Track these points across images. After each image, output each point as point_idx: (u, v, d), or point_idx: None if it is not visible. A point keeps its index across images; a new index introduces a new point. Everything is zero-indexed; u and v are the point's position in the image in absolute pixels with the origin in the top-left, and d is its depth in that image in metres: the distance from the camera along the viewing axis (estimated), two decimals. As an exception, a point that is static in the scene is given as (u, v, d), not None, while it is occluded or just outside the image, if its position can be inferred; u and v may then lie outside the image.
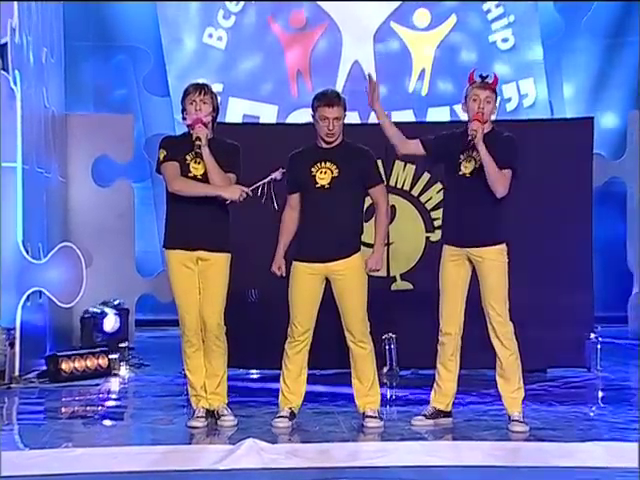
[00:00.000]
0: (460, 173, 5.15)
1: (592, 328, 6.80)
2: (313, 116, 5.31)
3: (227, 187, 5.20)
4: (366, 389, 5.27)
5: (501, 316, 5.19)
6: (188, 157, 5.20)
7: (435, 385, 5.34)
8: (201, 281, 5.26)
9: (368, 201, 5.45)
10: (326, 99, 5.25)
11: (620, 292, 8.71)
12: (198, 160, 5.16)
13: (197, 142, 5.15)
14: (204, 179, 5.18)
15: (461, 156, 5.16)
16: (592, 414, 5.67)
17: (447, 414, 5.30)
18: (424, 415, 5.26)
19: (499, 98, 5.52)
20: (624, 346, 8.17)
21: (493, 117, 5.22)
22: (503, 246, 5.17)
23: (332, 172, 5.19)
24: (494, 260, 5.14)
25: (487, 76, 5.18)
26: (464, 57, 9.91)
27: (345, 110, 5.31)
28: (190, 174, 5.17)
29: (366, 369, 5.30)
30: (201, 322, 5.31)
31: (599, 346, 6.78)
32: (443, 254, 5.29)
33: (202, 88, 5.33)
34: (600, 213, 7.65)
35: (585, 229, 6.91)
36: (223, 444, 4.67)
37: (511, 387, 5.18)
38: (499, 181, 5.06)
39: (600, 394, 6.33)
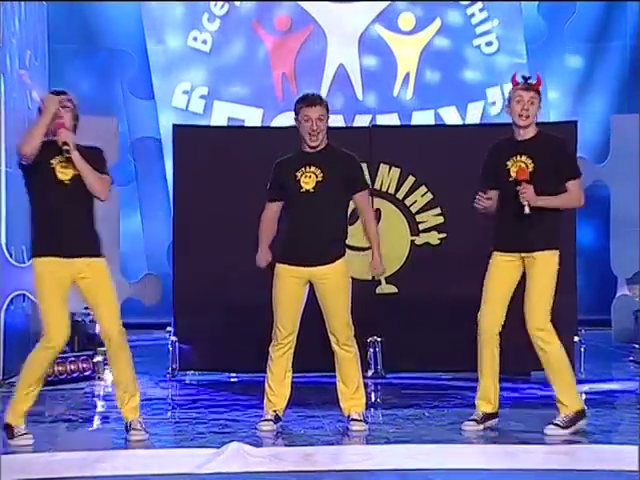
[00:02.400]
0: (510, 180, 5.10)
1: (576, 331, 6.82)
2: (296, 119, 5.29)
3: (45, 98, 5.03)
4: (351, 392, 5.27)
5: (538, 320, 5.13)
6: (53, 162, 5.00)
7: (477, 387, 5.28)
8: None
9: (353, 204, 5.45)
10: (308, 100, 5.25)
11: (604, 295, 8.75)
12: (65, 164, 4.97)
13: (65, 147, 4.96)
14: (73, 184, 4.96)
15: (508, 163, 5.12)
16: (576, 417, 5.68)
17: (494, 415, 5.23)
18: (475, 420, 5.18)
19: (497, 102, 5.50)
20: (607, 349, 8.21)
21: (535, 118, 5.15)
22: (555, 252, 5.12)
23: (316, 176, 5.17)
24: (543, 266, 5.08)
25: (529, 77, 5.16)
26: (448, 60, 9.94)
27: (328, 112, 5.28)
28: (57, 179, 4.98)
29: (351, 372, 5.29)
30: (103, 332, 5.18)
31: (583, 349, 6.80)
32: (491, 260, 5.26)
33: (62, 94, 5.24)
34: (583, 216, 7.68)
35: (569, 232, 6.93)
36: (208, 448, 4.66)
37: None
38: (572, 203, 5.13)
39: (583, 397, 6.35)
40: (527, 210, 5.01)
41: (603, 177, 8.64)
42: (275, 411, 5.25)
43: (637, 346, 7.79)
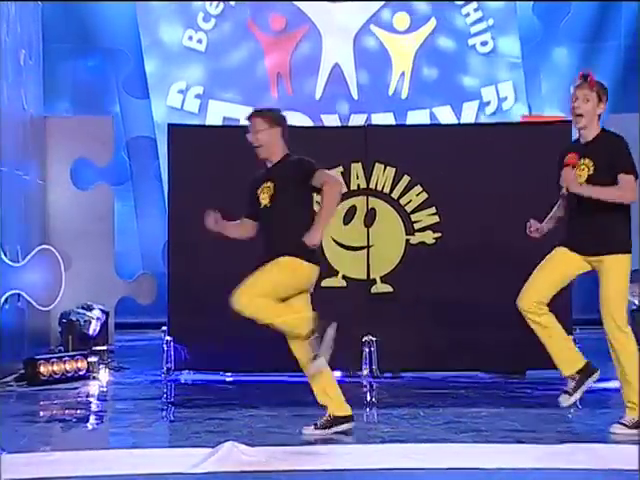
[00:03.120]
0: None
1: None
2: None
3: None
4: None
5: (613, 325, 5.06)
6: None
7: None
8: None
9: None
10: (249, 114, 5.22)
11: (598, 294, 8.74)
12: None
13: None
14: None
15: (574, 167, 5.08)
16: (571, 416, 5.69)
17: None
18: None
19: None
20: (602, 348, 8.19)
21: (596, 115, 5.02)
22: (624, 256, 5.01)
23: (270, 190, 5.12)
24: (610, 270, 4.99)
25: (588, 75, 5.07)
26: (443, 60, 9.95)
27: (272, 124, 5.16)
28: None
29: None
30: None
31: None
32: (556, 251, 5.16)
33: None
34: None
35: (563, 232, 6.94)
36: (202, 447, 4.65)
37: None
38: (620, 197, 4.94)
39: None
40: (565, 192, 4.99)
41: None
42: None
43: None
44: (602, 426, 5.31)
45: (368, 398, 6.37)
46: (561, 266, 5.14)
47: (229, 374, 6.98)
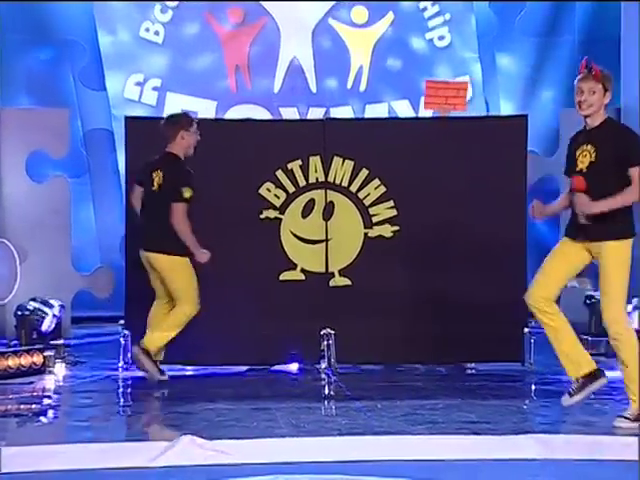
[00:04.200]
0: (577, 169, 5.02)
1: (526, 323, 6.91)
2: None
3: None
4: None
5: (612, 314, 4.98)
6: None
7: None
8: None
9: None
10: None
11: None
12: None
13: None
14: None
15: (577, 152, 5.05)
16: (525, 407, 5.77)
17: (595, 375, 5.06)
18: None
19: None
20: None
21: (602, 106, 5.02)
22: (624, 241, 4.95)
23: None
24: (610, 256, 4.93)
25: (592, 66, 5.04)
26: (401, 54, 9.98)
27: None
28: None
29: None
30: None
31: (532, 340, 6.89)
32: (561, 243, 5.16)
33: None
34: (534, 209, 7.75)
35: (519, 225, 7.02)
36: (160, 441, 4.64)
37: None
38: (634, 197, 4.90)
39: (533, 388, 6.45)
40: (583, 220, 4.94)
41: (553, 171, 8.73)
42: None
43: (587, 337, 7.90)
44: (556, 417, 5.39)
45: (326, 391, 6.39)
46: (566, 260, 5.11)
47: (188, 367, 6.96)
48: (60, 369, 7.03)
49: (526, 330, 6.90)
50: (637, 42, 8.28)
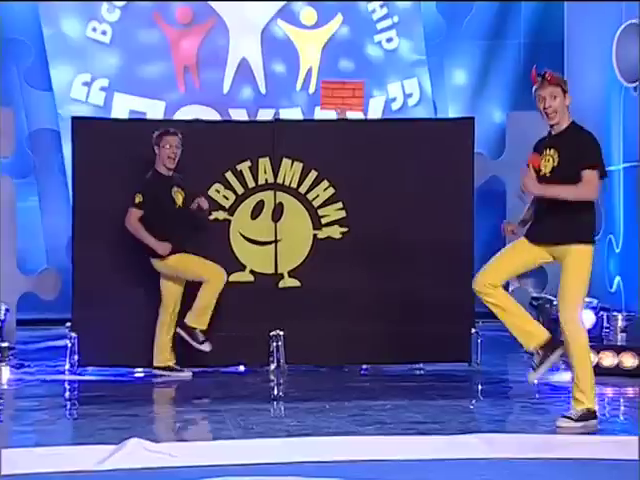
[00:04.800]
0: (541, 174, 5.05)
1: (473, 323, 6.98)
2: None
3: None
4: None
5: (566, 315, 5.02)
6: None
7: None
8: None
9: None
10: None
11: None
12: None
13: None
14: None
15: (541, 157, 5.08)
16: (472, 407, 5.83)
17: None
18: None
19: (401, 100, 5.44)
20: (503, 341, 8.41)
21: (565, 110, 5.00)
22: (586, 246, 5.00)
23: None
24: (574, 259, 4.97)
25: (544, 73, 5.05)
26: (350, 56, 10.02)
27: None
28: None
29: None
30: None
31: (479, 341, 6.97)
32: (517, 241, 5.18)
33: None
34: (481, 211, 7.85)
35: (466, 226, 7.09)
36: (107, 444, 4.61)
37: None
38: (581, 194, 4.93)
39: (480, 387, 6.52)
40: (520, 193, 5.04)
41: (499, 172, 8.85)
42: None
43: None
44: (502, 416, 5.46)
45: (275, 392, 6.40)
46: (521, 254, 5.15)
47: (136, 370, 6.91)
48: (5, 372, 6.94)
49: (473, 330, 6.97)
50: (580, 45, 8.42)
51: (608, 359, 6.60)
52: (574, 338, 5.03)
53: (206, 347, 6.63)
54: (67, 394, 6.35)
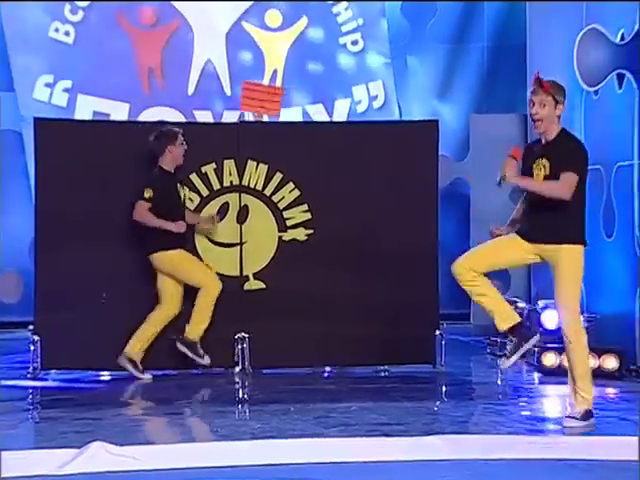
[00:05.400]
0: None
1: (437, 325, 7.02)
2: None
3: None
4: None
5: (566, 317, 5.06)
6: None
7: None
8: None
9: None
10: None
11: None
12: None
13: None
14: None
15: (533, 166, 5.11)
16: (436, 408, 5.86)
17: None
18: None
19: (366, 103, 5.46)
20: (467, 342, 8.48)
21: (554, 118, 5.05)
22: (577, 246, 5.05)
23: None
24: (566, 259, 5.01)
25: (541, 79, 5.10)
26: (315, 58, 10.03)
27: None
28: None
29: None
30: None
31: (444, 342, 7.00)
32: (508, 236, 5.17)
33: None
34: (446, 212, 7.90)
35: (431, 228, 7.12)
36: (70, 448, 4.57)
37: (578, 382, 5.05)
38: (555, 191, 4.97)
39: (444, 389, 6.56)
40: (498, 183, 5.04)
41: (463, 174, 8.92)
42: None
43: (496, 339, 8.06)
44: (465, 417, 5.49)
45: (240, 395, 6.39)
46: (510, 250, 5.17)
47: (100, 372, 6.86)
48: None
49: (437, 332, 7.01)
50: (542, 49, 8.50)
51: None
52: (576, 339, 5.07)
53: (207, 360, 6.69)
54: (29, 398, 6.29)
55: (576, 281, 5.07)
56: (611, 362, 6.54)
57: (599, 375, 6.17)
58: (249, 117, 7.73)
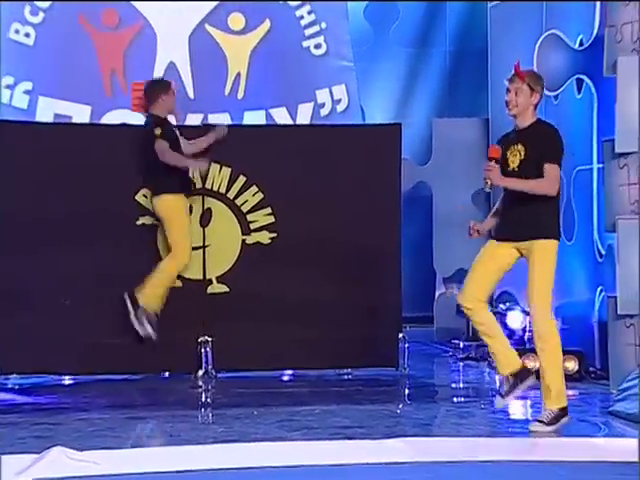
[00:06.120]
0: (509, 169, 5.09)
1: (400, 328, 7.04)
2: None
3: None
4: None
5: (537, 313, 5.04)
6: None
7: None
8: None
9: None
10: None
11: (426, 293, 9.07)
12: None
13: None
14: None
15: (507, 152, 5.12)
16: (399, 411, 5.88)
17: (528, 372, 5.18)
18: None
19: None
20: (430, 345, 8.52)
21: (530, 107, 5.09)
22: (552, 241, 5.06)
23: None
24: (539, 253, 5.01)
25: (517, 68, 5.15)
26: (279, 61, 10.03)
27: None
28: None
29: None
30: None
31: (407, 345, 7.03)
32: (488, 245, 5.19)
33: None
34: (408, 216, 7.94)
35: (393, 231, 7.15)
36: (28, 453, 4.52)
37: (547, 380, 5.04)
38: (542, 188, 5.00)
39: (407, 392, 6.58)
40: (487, 188, 5.08)
41: (425, 178, 8.96)
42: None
43: (458, 342, 8.12)
44: (428, 420, 5.51)
45: (203, 399, 6.36)
46: (493, 259, 5.16)
47: (61, 377, 6.80)
48: None
49: (400, 335, 7.03)
50: (503, 53, 8.58)
51: (530, 362, 6.71)
52: (546, 337, 5.05)
53: (147, 331, 6.56)
54: (-10, 401, 6.21)
55: (547, 276, 5.04)
56: (571, 364, 6.60)
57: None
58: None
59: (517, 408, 5.88)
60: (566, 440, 4.92)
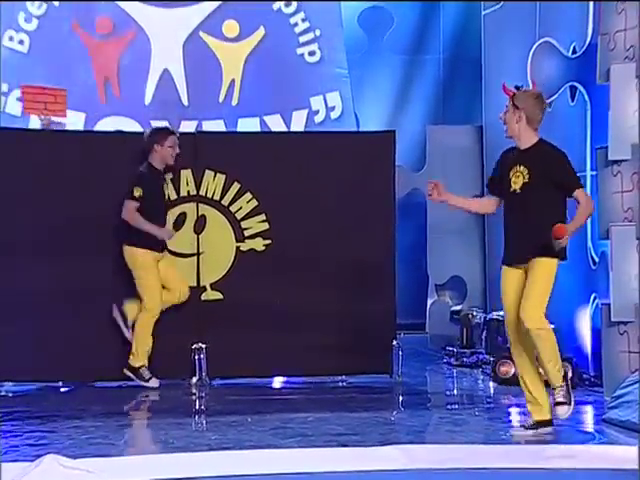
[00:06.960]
0: (511, 190, 5.14)
1: (394, 335, 7.04)
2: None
3: None
4: None
5: (528, 313, 5.07)
6: None
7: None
8: None
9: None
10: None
11: (420, 300, 9.08)
12: None
13: None
14: None
15: (510, 172, 5.15)
16: (392, 418, 5.88)
17: (547, 423, 5.17)
18: (523, 426, 5.17)
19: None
20: (423, 352, 8.52)
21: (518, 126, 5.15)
22: (553, 260, 5.11)
23: None
24: (539, 268, 5.07)
25: (521, 86, 5.22)
26: (273, 68, 10.04)
27: None
28: None
29: None
30: None
31: (401, 353, 7.03)
32: (502, 273, 5.26)
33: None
34: (403, 223, 7.95)
35: (388, 239, 7.16)
36: (21, 461, 4.51)
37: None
38: (588, 212, 5.17)
39: (400, 399, 6.58)
40: (564, 243, 5.07)
41: (420, 185, 8.97)
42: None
43: (452, 349, 8.12)
44: (421, 428, 5.51)
45: (197, 406, 6.36)
46: (514, 284, 5.20)
47: (54, 384, 6.79)
48: None
49: (394, 343, 7.03)
50: (497, 61, 8.60)
51: (506, 368, 6.78)
52: (544, 337, 5.06)
53: (154, 383, 6.70)
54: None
55: (543, 291, 5.10)
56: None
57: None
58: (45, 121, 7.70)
59: (509, 415, 5.89)
60: (561, 447, 4.92)
